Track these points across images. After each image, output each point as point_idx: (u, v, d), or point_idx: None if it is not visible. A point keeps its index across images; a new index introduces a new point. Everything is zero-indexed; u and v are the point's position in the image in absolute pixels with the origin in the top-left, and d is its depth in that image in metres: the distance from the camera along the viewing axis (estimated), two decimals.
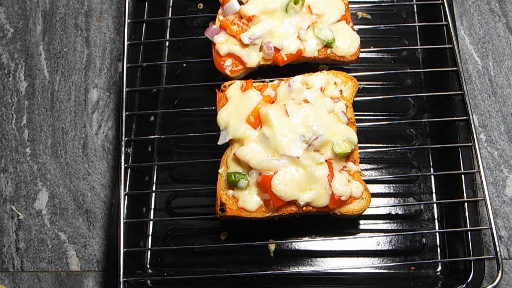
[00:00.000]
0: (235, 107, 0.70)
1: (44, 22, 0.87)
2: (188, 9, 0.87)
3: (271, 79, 0.73)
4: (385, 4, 0.87)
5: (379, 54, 0.83)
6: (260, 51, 0.73)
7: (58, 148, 0.80)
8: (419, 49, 0.83)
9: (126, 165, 0.72)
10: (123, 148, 0.72)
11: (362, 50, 0.75)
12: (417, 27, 0.85)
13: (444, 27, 0.78)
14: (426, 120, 0.79)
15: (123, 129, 0.73)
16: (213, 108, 0.72)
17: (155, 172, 0.78)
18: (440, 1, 0.80)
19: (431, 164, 0.77)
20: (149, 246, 0.74)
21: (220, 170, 0.68)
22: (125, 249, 0.67)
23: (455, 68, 0.76)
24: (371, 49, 0.82)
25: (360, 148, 0.72)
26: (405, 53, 0.84)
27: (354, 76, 0.74)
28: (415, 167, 0.77)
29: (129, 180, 0.71)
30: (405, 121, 0.79)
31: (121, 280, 0.66)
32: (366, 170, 0.77)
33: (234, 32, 0.72)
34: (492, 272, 0.70)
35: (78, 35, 0.86)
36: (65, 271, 0.74)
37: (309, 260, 0.73)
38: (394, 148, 0.78)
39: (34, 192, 0.78)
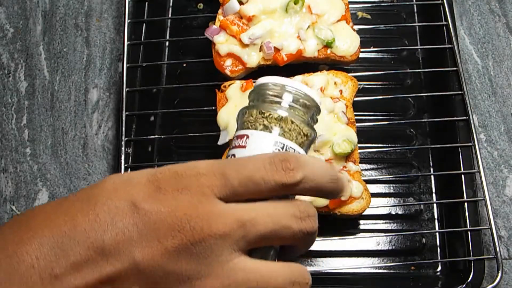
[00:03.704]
0: (235, 107, 0.70)
1: (44, 22, 0.87)
2: (188, 9, 0.87)
3: None
4: (385, 4, 0.87)
5: (379, 54, 0.83)
6: (260, 51, 0.73)
7: (58, 148, 0.80)
8: (419, 49, 0.83)
9: (126, 165, 0.72)
10: (123, 148, 0.72)
11: (362, 50, 0.75)
12: (417, 27, 0.85)
13: (444, 27, 0.78)
14: (426, 120, 0.79)
15: (123, 129, 0.73)
16: (213, 108, 0.72)
17: None
18: (440, 1, 0.80)
19: (431, 164, 0.77)
20: None
21: None
22: None
23: (455, 68, 0.76)
24: (371, 49, 0.82)
25: (360, 148, 0.72)
26: (405, 53, 0.84)
27: (354, 76, 0.74)
28: (415, 167, 0.77)
29: None
30: (405, 121, 0.79)
31: None
32: (366, 170, 0.77)
33: (234, 32, 0.72)
34: (492, 272, 0.70)
35: (78, 35, 0.86)
36: None
37: (309, 260, 0.73)
38: (394, 148, 0.78)
39: (34, 192, 0.78)
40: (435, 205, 0.75)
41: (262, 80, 0.45)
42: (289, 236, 0.38)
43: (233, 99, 0.70)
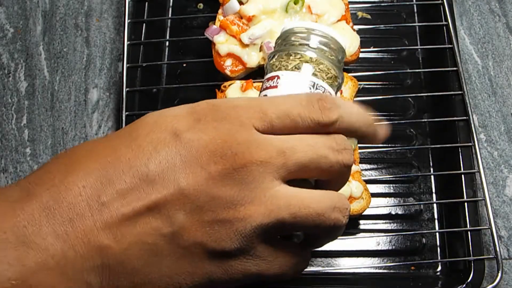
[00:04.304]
0: None
1: (44, 22, 0.87)
2: (188, 9, 0.87)
3: None
4: (385, 4, 0.87)
5: (379, 54, 0.83)
6: (260, 51, 0.73)
7: (58, 148, 0.80)
8: (419, 49, 0.83)
9: None
10: None
11: (362, 50, 0.75)
12: (417, 27, 0.85)
13: (444, 27, 0.78)
14: (426, 120, 0.79)
15: None
16: None
17: None
18: (440, 1, 0.80)
19: (431, 164, 0.77)
20: None
21: None
22: None
23: (455, 68, 0.76)
24: (371, 49, 0.82)
25: (360, 148, 0.72)
26: (405, 53, 0.84)
27: (354, 76, 0.74)
28: (415, 167, 0.77)
29: None
30: (405, 121, 0.79)
31: None
32: (366, 170, 0.77)
33: (234, 32, 0.72)
34: (492, 272, 0.70)
35: (78, 35, 0.86)
36: None
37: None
38: (394, 148, 0.78)
39: None
40: (435, 205, 0.75)
41: (289, 25, 0.46)
42: (327, 167, 0.38)
43: None
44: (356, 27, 0.77)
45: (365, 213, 0.69)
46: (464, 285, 0.66)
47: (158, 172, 0.36)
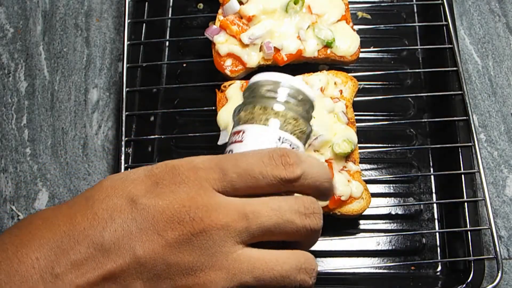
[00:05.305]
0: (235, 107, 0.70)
1: (44, 22, 0.87)
2: (188, 9, 0.87)
3: None
4: (385, 4, 0.87)
5: (379, 54, 0.83)
6: (260, 51, 0.73)
7: (58, 148, 0.80)
8: (419, 49, 0.83)
9: (126, 165, 0.72)
10: (123, 148, 0.72)
11: (362, 50, 0.75)
12: (417, 27, 0.85)
13: (444, 27, 0.78)
14: (426, 120, 0.79)
15: (123, 129, 0.73)
16: (213, 108, 0.72)
17: None
18: (440, 1, 0.80)
19: (431, 164, 0.77)
20: None
21: None
22: None
23: (455, 68, 0.76)
24: (371, 49, 0.82)
25: (360, 148, 0.72)
26: (405, 53, 0.84)
27: (354, 76, 0.74)
28: (415, 167, 0.77)
29: None
30: (405, 121, 0.79)
31: None
32: (366, 170, 0.77)
33: (234, 32, 0.72)
34: (492, 272, 0.70)
35: (78, 35, 0.86)
36: None
37: None
38: (394, 148, 0.78)
39: (34, 192, 0.78)
40: (435, 205, 0.75)
41: (257, 77, 0.45)
42: (292, 231, 0.37)
43: (233, 99, 0.70)
44: (356, 27, 0.77)
45: (365, 213, 0.69)
46: (464, 285, 0.66)
47: (114, 241, 0.35)
